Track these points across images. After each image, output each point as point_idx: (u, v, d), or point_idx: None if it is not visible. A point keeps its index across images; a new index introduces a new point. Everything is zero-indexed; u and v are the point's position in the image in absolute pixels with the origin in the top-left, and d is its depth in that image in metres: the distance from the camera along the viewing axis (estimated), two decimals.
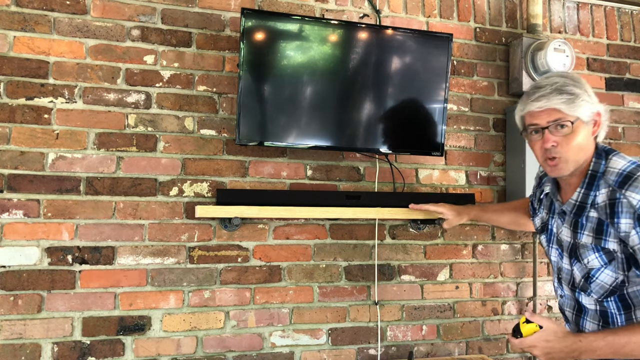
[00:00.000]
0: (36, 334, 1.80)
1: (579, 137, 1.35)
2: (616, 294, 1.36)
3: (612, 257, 1.34)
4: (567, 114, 1.33)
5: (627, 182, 1.29)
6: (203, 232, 1.98)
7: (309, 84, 1.96)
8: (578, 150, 1.36)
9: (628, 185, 1.29)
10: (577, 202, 1.40)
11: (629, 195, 1.28)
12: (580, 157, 1.37)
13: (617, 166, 1.34)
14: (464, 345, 2.27)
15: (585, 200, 1.38)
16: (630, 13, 2.63)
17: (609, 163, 1.36)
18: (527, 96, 1.40)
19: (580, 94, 1.34)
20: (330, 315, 2.11)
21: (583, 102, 1.34)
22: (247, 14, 1.87)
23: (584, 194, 1.38)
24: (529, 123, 1.40)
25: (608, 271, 1.36)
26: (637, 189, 1.27)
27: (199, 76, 2.02)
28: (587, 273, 1.40)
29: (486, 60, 2.39)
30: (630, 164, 1.33)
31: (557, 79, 1.37)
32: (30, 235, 1.81)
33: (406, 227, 2.23)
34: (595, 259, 1.37)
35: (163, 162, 1.96)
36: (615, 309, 1.38)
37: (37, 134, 1.84)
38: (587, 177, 1.38)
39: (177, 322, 1.94)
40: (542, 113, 1.36)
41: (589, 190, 1.37)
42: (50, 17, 1.87)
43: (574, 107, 1.33)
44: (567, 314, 1.53)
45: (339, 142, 2.03)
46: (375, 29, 2.08)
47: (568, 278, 1.49)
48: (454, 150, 2.31)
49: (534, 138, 1.40)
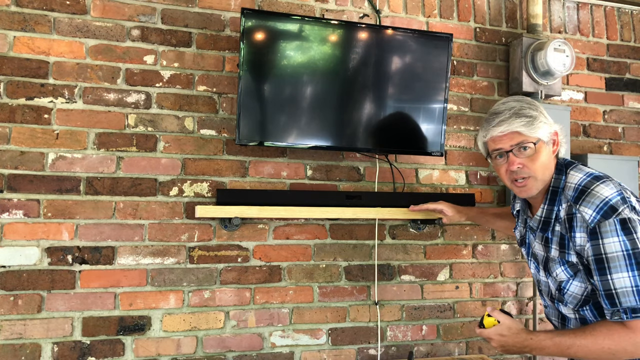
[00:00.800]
0: (36, 334, 1.80)
1: (542, 157, 1.40)
2: (590, 303, 1.39)
3: (576, 269, 1.38)
4: (529, 135, 1.38)
5: (581, 197, 1.33)
6: (203, 232, 1.98)
7: (309, 84, 1.96)
8: (543, 168, 1.41)
9: (582, 200, 1.33)
10: (542, 217, 1.44)
11: (582, 210, 1.32)
12: (546, 175, 1.42)
13: (574, 181, 1.38)
14: (464, 345, 2.27)
15: (550, 215, 1.42)
16: (630, 13, 2.63)
17: (568, 177, 1.40)
18: (487, 122, 1.44)
19: (537, 115, 1.39)
20: (330, 315, 2.11)
21: (541, 123, 1.39)
22: (247, 14, 1.87)
23: (547, 210, 1.42)
24: (493, 148, 1.44)
25: (576, 282, 1.39)
26: (589, 204, 1.31)
27: (199, 76, 2.02)
28: (559, 285, 1.44)
29: (486, 60, 2.39)
30: (586, 177, 1.37)
31: (513, 104, 1.41)
32: (30, 235, 1.81)
33: (406, 227, 2.23)
34: (562, 272, 1.41)
35: (163, 162, 1.96)
36: (592, 317, 1.41)
37: (37, 134, 1.84)
38: (549, 194, 1.42)
39: (177, 322, 1.94)
40: (504, 137, 1.40)
41: (551, 205, 1.41)
42: (50, 17, 1.87)
43: (534, 129, 1.38)
44: (554, 322, 1.57)
45: (339, 142, 2.03)
46: (375, 29, 2.08)
47: (547, 290, 1.53)
48: (454, 150, 2.31)
49: (498, 162, 1.44)
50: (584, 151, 2.48)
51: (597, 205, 1.29)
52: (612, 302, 1.27)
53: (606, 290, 1.28)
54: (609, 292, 1.27)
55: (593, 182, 1.34)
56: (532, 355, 1.37)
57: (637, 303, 1.24)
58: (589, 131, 2.52)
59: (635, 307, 1.24)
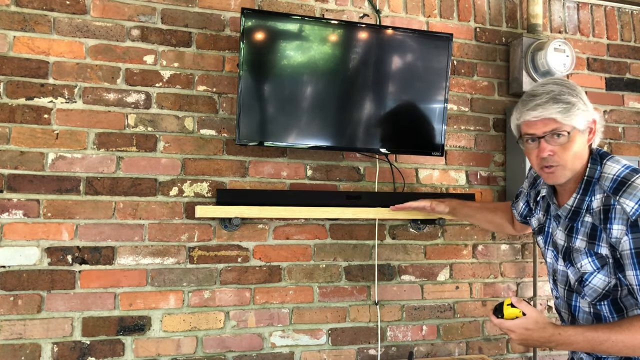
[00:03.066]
0: (36, 334, 1.80)
1: (575, 146, 1.35)
2: (609, 298, 1.37)
3: (604, 262, 1.35)
4: (564, 123, 1.32)
5: (621, 188, 1.29)
6: (203, 232, 1.98)
7: (309, 84, 1.96)
8: (574, 158, 1.36)
9: (622, 191, 1.29)
10: (573, 207, 1.40)
11: (622, 201, 1.28)
12: (577, 165, 1.37)
13: (612, 171, 1.34)
14: (464, 345, 2.27)
15: (581, 205, 1.38)
16: (630, 13, 2.63)
17: (604, 168, 1.36)
18: (522, 104, 1.39)
19: (576, 102, 1.34)
20: (330, 315, 2.10)
21: (579, 111, 1.33)
22: (247, 13, 1.87)
23: (579, 200, 1.38)
24: (525, 132, 1.39)
25: (601, 275, 1.36)
26: (631, 196, 1.27)
27: (199, 76, 2.02)
28: (581, 277, 1.41)
29: (486, 60, 2.38)
30: (625, 169, 1.33)
31: (552, 87, 1.36)
32: (30, 235, 1.81)
33: (406, 227, 2.23)
34: (588, 264, 1.38)
35: (163, 162, 1.96)
36: (608, 312, 1.39)
37: (37, 134, 1.84)
38: (583, 183, 1.38)
39: (177, 322, 1.94)
40: (538, 122, 1.35)
41: (584, 195, 1.37)
42: (50, 17, 1.87)
43: (570, 117, 1.33)
44: (563, 315, 1.54)
45: (339, 142, 2.02)
46: (375, 29, 2.08)
47: (563, 280, 1.49)
48: (454, 150, 2.31)
49: (530, 146, 1.40)
50: None
51: (639, 197, 1.26)
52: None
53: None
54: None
55: (633, 174, 1.30)
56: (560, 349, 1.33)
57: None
58: None
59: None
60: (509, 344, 2.32)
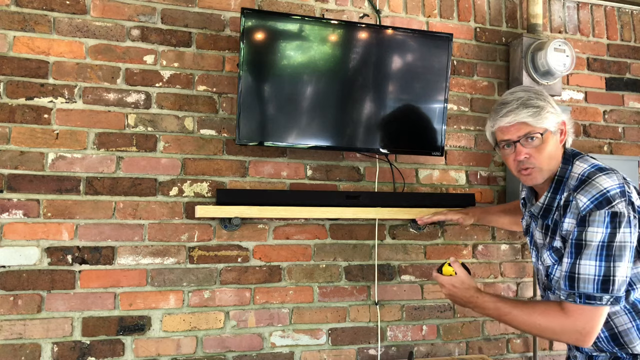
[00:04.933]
0: (36, 334, 1.80)
1: (548, 147, 1.41)
2: None
3: (560, 254, 1.41)
4: (535, 126, 1.40)
5: (581, 185, 1.35)
6: (203, 232, 1.98)
7: (309, 84, 1.96)
8: (549, 159, 1.42)
9: (581, 188, 1.34)
10: (544, 205, 1.46)
11: (578, 197, 1.33)
12: (552, 165, 1.43)
13: (578, 171, 1.39)
14: (464, 345, 2.27)
15: (552, 203, 1.44)
16: (630, 13, 2.63)
17: (574, 168, 1.42)
18: (495, 113, 1.46)
19: (545, 105, 1.41)
20: (330, 315, 2.10)
21: (548, 113, 1.40)
22: (247, 13, 1.87)
23: (550, 198, 1.44)
24: (500, 139, 1.46)
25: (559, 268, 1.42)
26: (586, 193, 1.32)
27: (199, 76, 2.02)
28: (547, 271, 1.48)
29: (486, 60, 2.38)
30: (590, 168, 1.38)
31: (521, 94, 1.42)
32: (30, 235, 1.81)
33: (406, 227, 2.23)
34: (547, 257, 1.45)
35: (163, 162, 1.96)
36: None
37: (37, 134, 1.84)
38: (554, 182, 1.44)
39: (177, 322, 1.93)
40: (512, 128, 1.42)
41: (555, 194, 1.43)
42: (50, 17, 1.87)
43: (541, 119, 1.39)
44: None
45: (339, 142, 2.02)
46: (375, 29, 2.07)
47: (541, 278, 1.56)
48: (454, 150, 2.31)
49: (506, 152, 1.46)
50: (584, 151, 2.46)
51: (593, 195, 1.31)
52: (572, 284, 1.31)
53: (570, 273, 1.32)
54: (572, 275, 1.31)
55: (596, 173, 1.35)
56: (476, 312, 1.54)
57: (594, 291, 1.28)
58: (589, 131, 2.52)
59: (590, 295, 1.29)
60: (509, 344, 2.32)
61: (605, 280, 1.28)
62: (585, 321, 1.31)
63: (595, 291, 1.28)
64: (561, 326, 1.33)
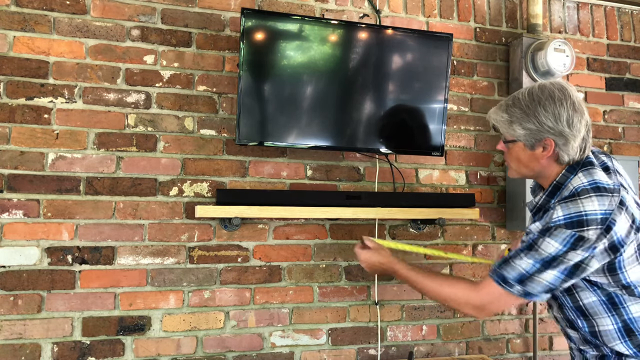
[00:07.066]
0: (36, 334, 1.80)
1: (515, 154, 1.42)
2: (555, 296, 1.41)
3: None
4: (505, 132, 1.41)
5: (568, 199, 1.29)
6: (203, 232, 1.98)
7: (309, 84, 1.96)
8: (518, 163, 1.43)
9: (565, 201, 1.29)
10: (537, 204, 1.44)
11: (557, 208, 1.29)
12: (522, 171, 1.44)
13: (575, 184, 1.32)
14: (464, 345, 2.27)
15: (544, 205, 1.41)
16: (630, 13, 2.63)
17: (573, 179, 1.34)
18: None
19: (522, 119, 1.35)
20: (330, 315, 2.10)
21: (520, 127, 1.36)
22: (247, 14, 1.87)
23: (544, 200, 1.41)
24: None
25: None
26: (565, 208, 1.27)
27: (199, 76, 2.02)
28: None
29: (486, 60, 2.38)
30: (587, 184, 1.29)
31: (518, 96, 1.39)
32: (30, 235, 1.81)
33: (406, 227, 2.23)
34: None
35: (163, 162, 1.96)
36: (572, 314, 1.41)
37: (37, 134, 1.84)
38: (551, 187, 1.39)
39: (177, 322, 1.94)
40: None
41: (549, 197, 1.39)
42: (50, 17, 1.87)
43: (510, 130, 1.39)
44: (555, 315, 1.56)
45: (339, 142, 2.02)
46: (375, 29, 2.08)
47: None
48: (454, 150, 2.31)
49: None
50: None
51: (570, 213, 1.25)
52: (501, 265, 1.34)
53: (509, 257, 1.34)
54: (508, 259, 1.33)
55: (588, 192, 1.27)
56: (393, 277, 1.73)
57: (510, 279, 1.31)
58: None
59: (506, 278, 1.32)
60: (509, 344, 2.32)
61: (529, 278, 1.29)
62: (490, 300, 1.38)
63: (513, 280, 1.31)
64: (466, 297, 1.42)
